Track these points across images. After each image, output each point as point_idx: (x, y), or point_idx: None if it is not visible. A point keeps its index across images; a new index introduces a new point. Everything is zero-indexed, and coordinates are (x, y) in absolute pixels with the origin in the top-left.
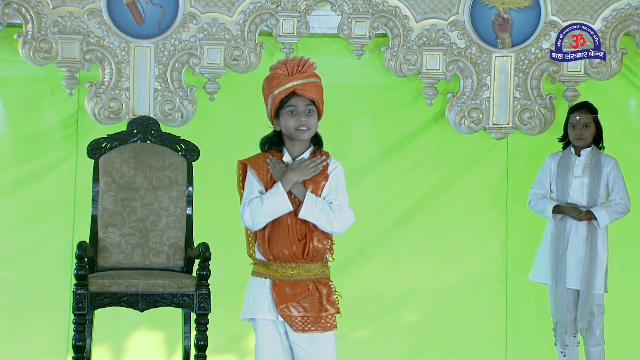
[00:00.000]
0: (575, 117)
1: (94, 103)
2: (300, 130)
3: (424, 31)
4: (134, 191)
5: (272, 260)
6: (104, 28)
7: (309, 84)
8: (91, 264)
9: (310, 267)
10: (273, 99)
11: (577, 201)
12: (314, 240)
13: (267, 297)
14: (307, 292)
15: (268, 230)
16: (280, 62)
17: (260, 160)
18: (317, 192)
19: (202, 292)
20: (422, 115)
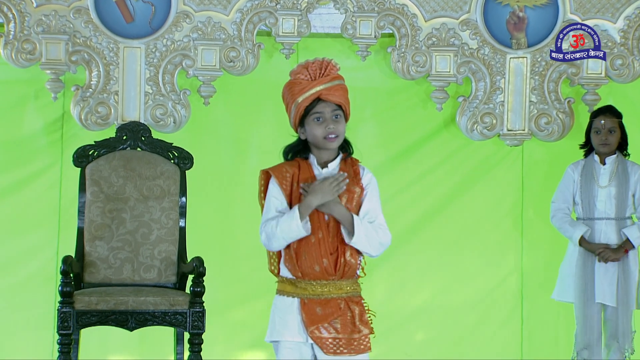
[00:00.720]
0: (599, 121)
1: (81, 107)
2: (329, 139)
3: (433, 31)
4: (123, 202)
5: (301, 278)
6: (91, 27)
7: (334, 88)
8: (77, 280)
9: (342, 284)
10: (297, 107)
11: (604, 213)
12: (346, 255)
13: (295, 317)
14: (338, 312)
15: (295, 245)
16: (300, 66)
17: (284, 170)
18: (351, 202)
19: (196, 310)
20: (431, 121)
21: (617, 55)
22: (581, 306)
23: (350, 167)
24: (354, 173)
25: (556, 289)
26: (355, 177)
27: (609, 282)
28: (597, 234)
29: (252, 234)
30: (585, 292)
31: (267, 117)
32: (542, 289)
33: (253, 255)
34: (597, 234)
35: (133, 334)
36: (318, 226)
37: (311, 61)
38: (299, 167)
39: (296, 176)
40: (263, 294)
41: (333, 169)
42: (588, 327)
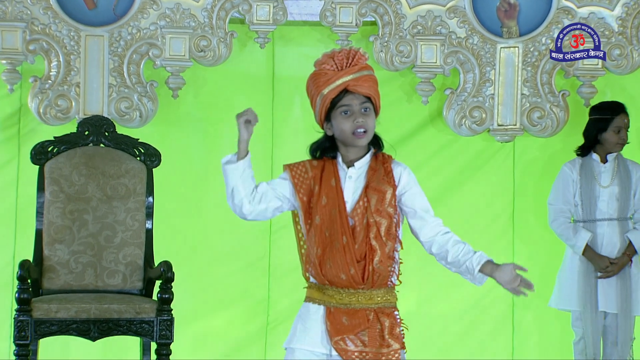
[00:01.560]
0: (622, 119)
1: (39, 100)
2: (358, 135)
3: (418, 18)
4: (85, 202)
5: (327, 285)
6: (50, 14)
7: (362, 78)
8: (35, 287)
9: (372, 294)
10: (322, 100)
11: (606, 214)
12: (375, 262)
13: (319, 326)
14: (366, 324)
15: (319, 250)
16: (326, 55)
17: (304, 169)
18: (381, 203)
19: (163, 319)
20: (416, 115)
21: (614, 45)
22: (586, 316)
23: (380, 165)
24: (384, 171)
25: (553, 296)
26: (387, 175)
27: (611, 289)
28: (599, 238)
29: (225, 236)
30: (589, 301)
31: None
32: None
33: (226, 259)
34: (600, 238)
35: (96, 344)
36: (342, 231)
37: (337, 50)
38: (323, 168)
39: (318, 178)
40: (237, 301)
41: (360, 167)
42: (595, 337)
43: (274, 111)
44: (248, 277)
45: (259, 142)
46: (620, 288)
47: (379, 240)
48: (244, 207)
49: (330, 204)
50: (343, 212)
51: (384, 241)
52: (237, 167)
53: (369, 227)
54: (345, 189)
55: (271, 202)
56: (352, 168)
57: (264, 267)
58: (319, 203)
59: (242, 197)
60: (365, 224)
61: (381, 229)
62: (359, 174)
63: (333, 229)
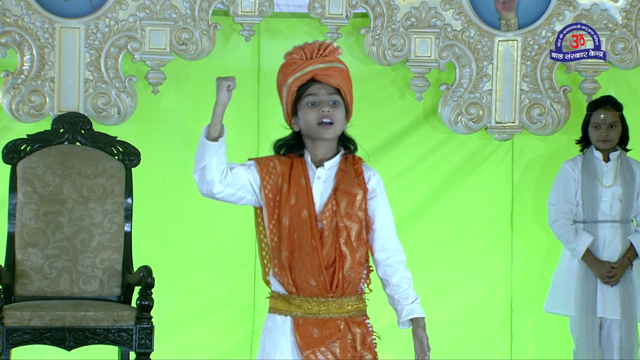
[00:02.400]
0: (599, 115)
1: (11, 96)
2: (323, 125)
3: (412, 10)
4: (60, 204)
5: (295, 294)
6: (23, 5)
7: (332, 69)
8: (7, 293)
9: (342, 303)
10: (289, 89)
11: (609, 215)
12: (345, 269)
13: (287, 338)
14: (337, 334)
15: (287, 254)
16: (296, 46)
17: (272, 164)
18: (352, 206)
19: (143, 327)
20: (409, 112)
21: (618, 38)
22: (582, 322)
23: (350, 166)
24: (355, 173)
25: (548, 300)
26: (357, 178)
27: (611, 295)
28: (600, 240)
29: (208, 240)
30: (587, 307)
31: None
32: (535, 300)
33: (209, 264)
34: (601, 240)
35: (71, 353)
36: (310, 234)
37: (310, 42)
38: (291, 165)
39: (286, 175)
40: (220, 308)
41: (329, 168)
42: (591, 343)
43: (260, 107)
44: (232, 283)
45: (244, 139)
46: (622, 293)
47: (349, 245)
48: (214, 187)
49: (300, 205)
50: (313, 215)
51: (355, 247)
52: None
53: (338, 232)
54: (314, 190)
55: (239, 190)
56: (321, 168)
57: (249, 273)
58: (288, 202)
59: (214, 176)
60: (335, 228)
61: (351, 233)
62: (327, 174)
63: (302, 231)
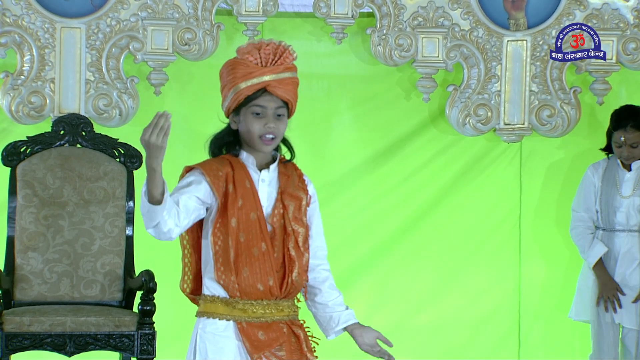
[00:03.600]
0: (619, 137)
1: (11, 97)
2: (265, 141)
3: (419, 9)
4: (60, 207)
5: (239, 297)
6: (23, 5)
7: (284, 81)
8: (7, 298)
9: (282, 306)
10: (237, 93)
11: (626, 225)
12: (294, 273)
13: (232, 343)
14: (283, 337)
15: (232, 256)
16: (252, 45)
17: (214, 168)
18: (299, 210)
19: (145, 332)
20: (417, 114)
21: (630, 38)
22: (597, 327)
23: (293, 171)
24: (298, 179)
25: (573, 307)
26: (301, 183)
27: (628, 303)
28: (616, 247)
29: None
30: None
31: None
32: (543, 304)
33: None
34: (617, 247)
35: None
36: (261, 237)
37: (265, 42)
38: (232, 167)
39: (230, 176)
40: None
41: (273, 170)
42: (604, 350)
43: None
44: None
45: None
46: None
47: (297, 250)
48: (173, 233)
49: (247, 207)
50: (262, 217)
51: (302, 252)
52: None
53: (287, 236)
54: (260, 193)
55: (193, 214)
56: (265, 171)
57: None
58: (235, 205)
59: (169, 226)
60: (283, 232)
61: (299, 238)
62: (271, 178)
63: (250, 234)
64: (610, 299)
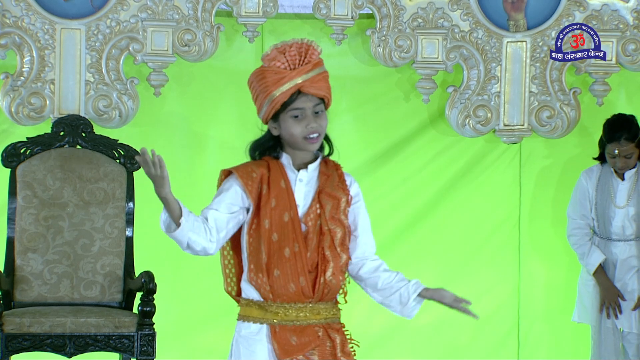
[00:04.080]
0: (613, 149)
1: (11, 99)
2: (310, 140)
3: (419, 11)
4: (60, 208)
5: (272, 300)
6: (23, 6)
7: (315, 78)
8: (7, 299)
9: (320, 309)
10: (272, 102)
11: (622, 235)
12: (327, 273)
13: (264, 347)
14: (316, 341)
15: (265, 259)
16: (276, 50)
17: (249, 170)
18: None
19: (145, 333)
20: (416, 115)
21: (629, 40)
22: (598, 332)
23: (333, 171)
24: (338, 178)
25: (576, 310)
26: (341, 183)
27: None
28: (614, 256)
29: None
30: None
31: (228, 109)
32: (542, 306)
33: (212, 269)
34: (614, 256)
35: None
36: (293, 237)
37: (288, 44)
38: (268, 168)
39: (265, 178)
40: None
41: (312, 170)
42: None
43: None
44: None
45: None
46: None
47: (332, 250)
48: (208, 250)
49: (281, 207)
50: (295, 217)
51: (338, 252)
52: (182, 229)
53: (322, 236)
54: (296, 193)
55: (229, 224)
56: (303, 171)
57: None
58: (268, 205)
59: (202, 244)
60: (319, 232)
61: (335, 238)
62: (310, 177)
63: (283, 234)
64: (612, 306)
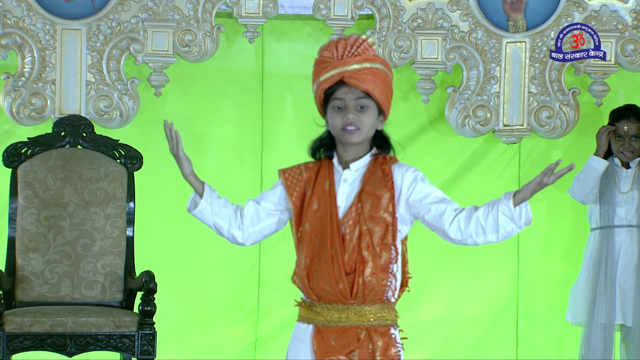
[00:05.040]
0: (622, 127)
1: (12, 99)
2: (347, 131)
3: (418, 11)
4: (61, 208)
5: (316, 300)
6: (24, 6)
7: (362, 71)
8: (8, 298)
9: (364, 311)
10: (318, 88)
11: (625, 220)
12: (365, 274)
13: (308, 347)
14: (356, 343)
15: (307, 260)
16: (331, 41)
17: (298, 172)
18: (376, 209)
19: (145, 333)
20: (416, 115)
21: (628, 40)
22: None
23: (379, 167)
24: (382, 174)
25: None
26: (384, 179)
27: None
28: (617, 245)
29: (212, 245)
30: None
31: (229, 109)
32: (541, 305)
33: (213, 270)
34: (617, 245)
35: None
36: (331, 240)
37: (345, 37)
38: (318, 170)
39: (312, 180)
40: (224, 315)
41: (356, 169)
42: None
43: (264, 111)
44: (236, 289)
45: (248, 142)
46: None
47: (371, 250)
48: (237, 238)
49: (322, 210)
50: (335, 219)
51: (378, 251)
52: (204, 209)
53: (361, 236)
54: (339, 193)
55: (267, 219)
56: (347, 170)
57: (254, 279)
58: (310, 208)
59: (229, 229)
60: (358, 233)
61: (374, 237)
62: (355, 176)
63: (323, 237)
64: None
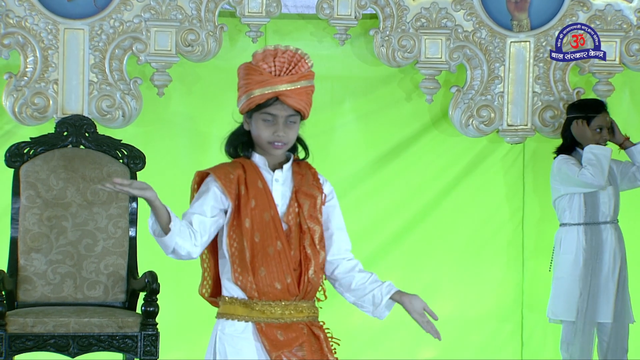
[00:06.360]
0: (605, 118)
1: (14, 99)
2: (275, 146)
3: (422, 10)
4: (63, 208)
5: (257, 298)
6: (26, 6)
7: (297, 90)
8: (10, 299)
9: (303, 307)
10: (249, 99)
11: (608, 215)
12: (310, 271)
13: (251, 344)
14: (303, 337)
15: (249, 256)
16: (268, 51)
17: (226, 171)
18: (314, 209)
19: (148, 334)
20: (420, 115)
21: (633, 39)
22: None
23: (307, 170)
24: (312, 177)
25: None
26: (316, 182)
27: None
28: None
29: None
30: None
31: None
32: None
33: None
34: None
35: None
36: (276, 236)
37: (282, 50)
38: (243, 169)
39: (242, 178)
40: None
41: (287, 170)
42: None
43: None
44: None
45: None
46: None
47: (313, 248)
48: (193, 255)
49: (261, 207)
50: (276, 216)
51: (318, 250)
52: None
53: (303, 234)
54: (274, 192)
55: (211, 227)
56: (278, 171)
57: None
58: (248, 206)
59: (187, 249)
60: (299, 230)
61: (315, 236)
62: (285, 177)
63: (265, 233)
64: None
